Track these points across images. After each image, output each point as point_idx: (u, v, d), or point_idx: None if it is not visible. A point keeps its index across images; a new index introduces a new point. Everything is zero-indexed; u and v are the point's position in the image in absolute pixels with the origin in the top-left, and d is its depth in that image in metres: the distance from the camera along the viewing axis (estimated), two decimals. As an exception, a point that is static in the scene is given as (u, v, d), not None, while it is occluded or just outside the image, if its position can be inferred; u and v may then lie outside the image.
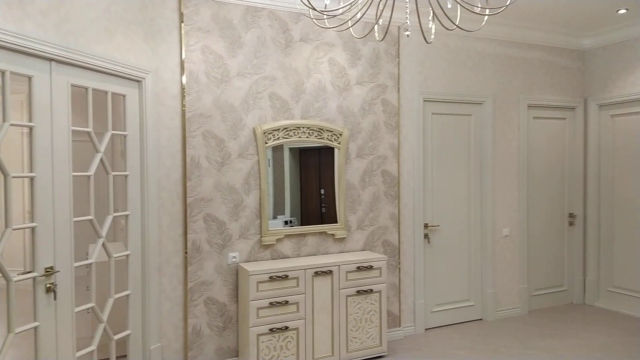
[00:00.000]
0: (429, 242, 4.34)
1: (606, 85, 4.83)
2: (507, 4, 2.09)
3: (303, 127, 3.66)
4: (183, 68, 3.32)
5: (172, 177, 3.34)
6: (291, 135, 3.63)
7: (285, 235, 3.67)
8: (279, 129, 3.59)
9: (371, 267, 3.64)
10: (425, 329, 4.32)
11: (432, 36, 2.26)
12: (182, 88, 3.33)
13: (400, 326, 4.15)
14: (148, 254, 3.16)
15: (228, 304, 3.51)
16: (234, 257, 3.51)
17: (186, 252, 3.37)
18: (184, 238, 3.37)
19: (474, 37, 4.43)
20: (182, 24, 3.31)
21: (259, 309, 3.25)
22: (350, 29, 2.52)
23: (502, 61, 4.60)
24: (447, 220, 4.44)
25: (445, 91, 4.32)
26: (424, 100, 4.25)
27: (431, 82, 4.26)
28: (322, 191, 3.87)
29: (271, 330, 3.27)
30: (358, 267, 3.59)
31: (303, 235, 3.75)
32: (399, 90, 4.09)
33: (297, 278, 3.39)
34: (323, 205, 3.88)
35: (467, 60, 4.42)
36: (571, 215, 5.08)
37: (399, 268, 4.14)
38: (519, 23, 4.51)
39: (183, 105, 3.33)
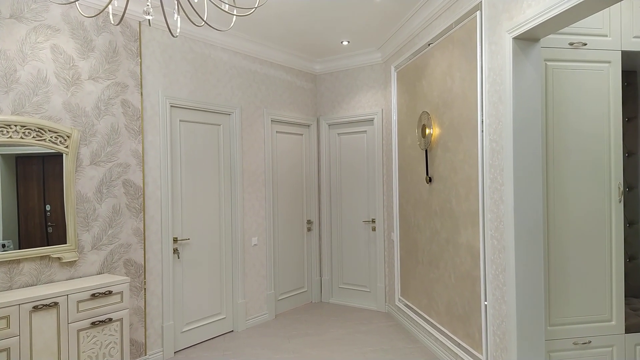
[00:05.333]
0: (178, 258, 4.06)
1: (334, 107, 5.55)
2: (256, 6, 2.09)
3: (16, 126, 2.91)
4: None
5: None
6: (-3, 135, 2.84)
7: (-11, 263, 2.83)
8: (-23, 126, 2.76)
9: (110, 292, 3.14)
10: (175, 352, 4.00)
11: (178, 29, 2.07)
12: None
13: (146, 354, 3.72)
14: None
15: None
16: None
17: None
18: None
19: (221, 47, 4.44)
20: None
21: (-59, 368, 2.37)
22: (77, 5, 2.12)
23: (247, 75, 4.74)
24: (198, 233, 4.25)
25: (193, 98, 4.17)
26: (171, 106, 4.00)
27: (178, 87, 4.04)
28: (48, 207, 3.16)
29: (-37, 393, 2.43)
30: (93, 295, 3.04)
31: (17, 261, 2.96)
32: (142, 92, 3.72)
33: (7, 317, 2.63)
34: (49, 223, 3.16)
35: (215, 70, 4.39)
36: (309, 222, 5.59)
37: (145, 289, 3.72)
38: (263, 42, 4.74)
39: None
